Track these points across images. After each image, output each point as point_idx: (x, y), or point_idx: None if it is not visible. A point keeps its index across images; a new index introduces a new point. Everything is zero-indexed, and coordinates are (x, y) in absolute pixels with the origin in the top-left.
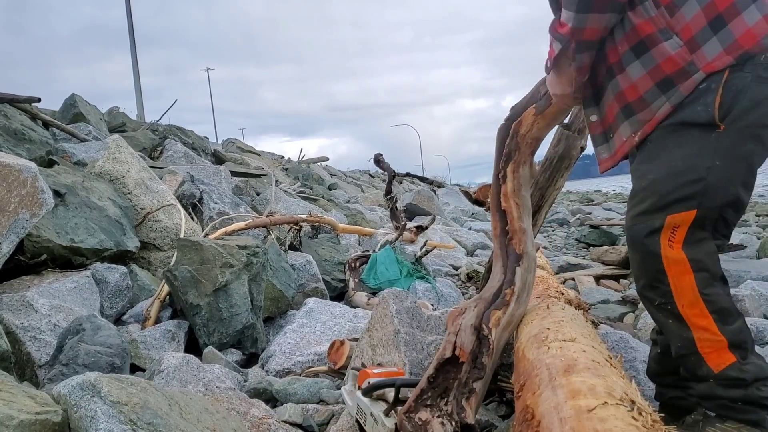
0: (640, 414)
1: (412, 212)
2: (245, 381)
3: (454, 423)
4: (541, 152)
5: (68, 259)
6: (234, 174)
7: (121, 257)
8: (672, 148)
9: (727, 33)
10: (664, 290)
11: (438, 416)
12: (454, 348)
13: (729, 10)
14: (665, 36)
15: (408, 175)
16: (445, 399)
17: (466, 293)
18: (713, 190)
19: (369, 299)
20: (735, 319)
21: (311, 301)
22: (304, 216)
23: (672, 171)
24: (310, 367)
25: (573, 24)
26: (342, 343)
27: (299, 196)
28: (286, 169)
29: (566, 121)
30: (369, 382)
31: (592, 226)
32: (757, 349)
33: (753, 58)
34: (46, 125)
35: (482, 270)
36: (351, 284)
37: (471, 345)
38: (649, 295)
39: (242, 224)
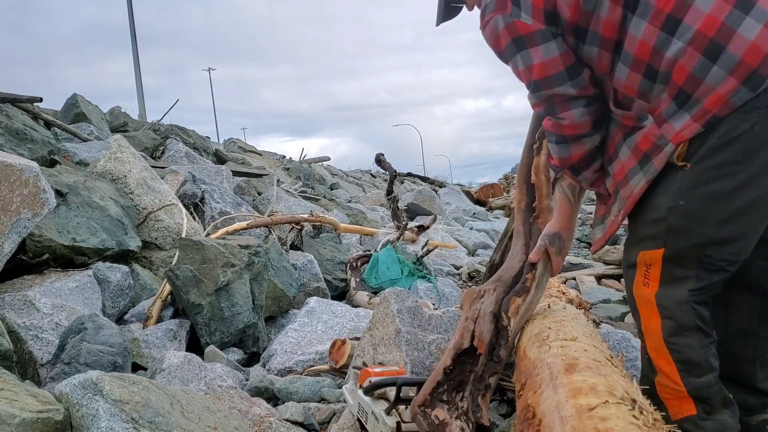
0: (641, 413)
1: (413, 212)
2: (246, 380)
3: (471, 424)
4: None
5: (70, 259)
6: (235, 174)
7: (123, 257)
8: (650, 185)
9: (694, 102)
10: (639, 327)
11: (456, 417)
12: (472, 338)
13: (689, 83)
14: (641, 120)
15: (409, 174)
16: (461, 394)
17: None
18: (678, 230)
19: (370, 299)
20: (703, 373)
21: (313, 301)
22: (305, 215)
23: (643, 207)
24: (312, 366)
25: (557, 155)
26: (343, 342)
27: (301, 195)
28: (288, 169)
29: None
30: (370, 381)
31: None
32: None
33: (722, 120)
34: (48, 125)
35: (483, 269)
36: (352, 284)
37: (489, 335)
38: (635, 325)
39: (244, 224)
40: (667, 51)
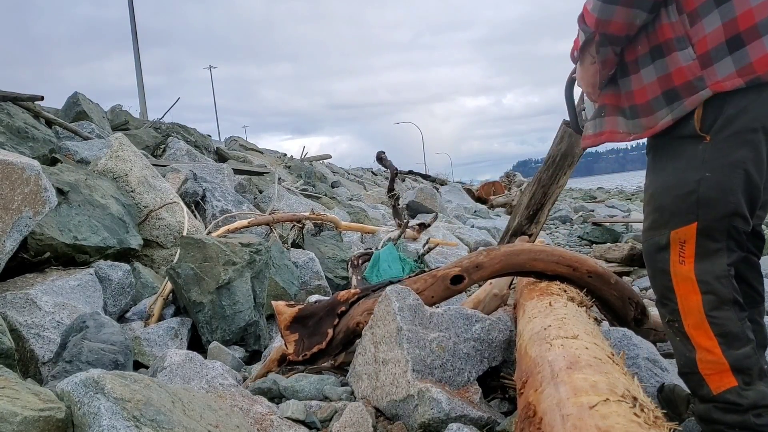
0: (642, 411)
1: (414, 210)
2: (245, 378)
3: None
4: (544, 149)
5: (71, 257)
6: (237, 172)
7: (125, 255)
8: (666, 162)
9: (744, 54)
10: (673, 308)
11: None
12: None
13: (750, 31)
14: (681, 45)
15: (410, 172)
16: None
17: (468, 290)
18: (708, 201)
19: None
20: (742, 345)
21: (314, 299)
22: (306, 214)
23: (666, 186)
24: (312, 366)
25: (598, 15)
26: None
27: (302, 193)
28: (289, 167)
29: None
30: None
31: (594, 224)
32: None
33: (762, 85)
34: (49, 123)
35: None
36: (354, 282)
37: None
38: (661, 311)
39: (245, 222)
40: None
